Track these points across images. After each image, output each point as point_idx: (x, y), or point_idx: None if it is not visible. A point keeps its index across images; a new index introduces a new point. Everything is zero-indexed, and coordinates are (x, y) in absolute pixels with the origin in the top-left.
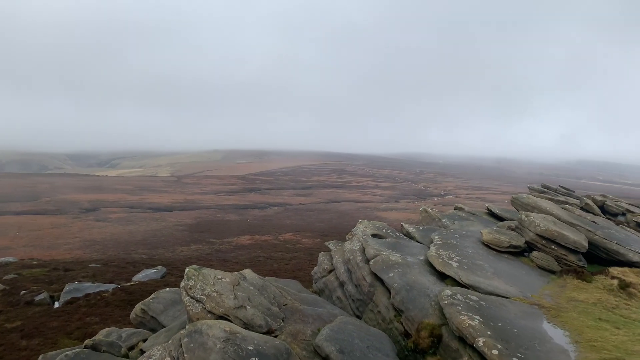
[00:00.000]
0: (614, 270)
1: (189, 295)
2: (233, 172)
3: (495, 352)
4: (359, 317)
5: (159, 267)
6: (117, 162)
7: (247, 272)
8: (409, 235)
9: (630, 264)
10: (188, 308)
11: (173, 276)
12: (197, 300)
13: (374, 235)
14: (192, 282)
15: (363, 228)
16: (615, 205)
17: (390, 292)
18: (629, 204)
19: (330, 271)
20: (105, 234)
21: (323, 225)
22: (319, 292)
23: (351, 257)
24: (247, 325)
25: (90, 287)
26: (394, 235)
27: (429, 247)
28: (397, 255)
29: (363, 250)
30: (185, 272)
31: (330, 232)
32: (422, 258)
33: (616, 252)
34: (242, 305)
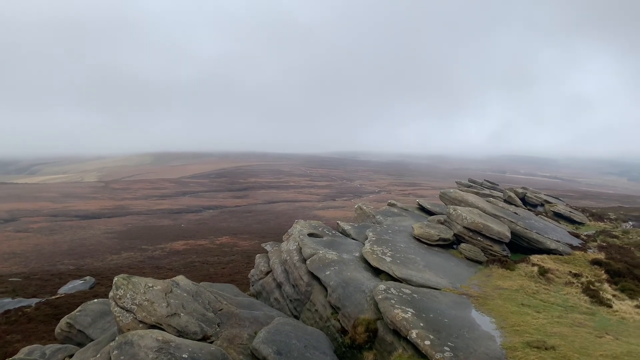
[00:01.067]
0: (534, 258)
1: (118, 305)
2: (165, 175)
3: (427, 342)
4: (297, 317)
5: (87, 278)
6: (39, 168)
7: (180, 279)
8: (344, 233)
9: (549, 252)
10: (118, 319)
11: (103, 286)
12: (127, 310)
13: (310, 235)
14: (122, 291)
15: (299, 228)
16: (535, 196)
17: (327, 290)
18: (547, 195)
19: (268, 273)
20: (27, 245)
21: (261, 226)
22: (257, 295)
23: (288, 258)
24: (181, 333)
25: (10, 302)
26: (330, 233)
27: (364, 244)
28: (333, 253)
29: (300, 250)
30: (114, 281)
31: (268, 233)
32: (357, 255)
33: (536, 240)
34: (175, 313)
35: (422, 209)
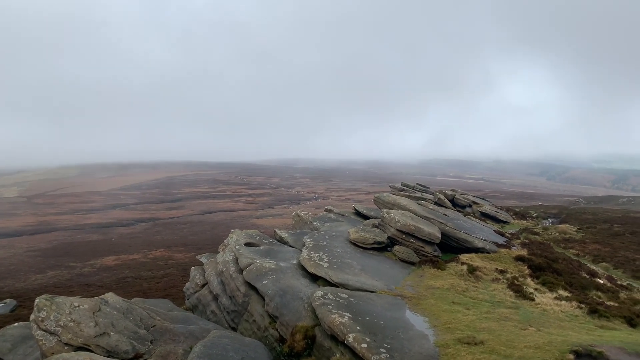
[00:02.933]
0: (464, 257)
1: (40, 328)
2: (93, 188)
3: (364, 345)
4: (234, 329)
5: (8, 300)
6: None
7: (110, 296)
8: (282, 241)
9: (477, 250)
10: (40, 343)
11: (25, 309)
12: (50, 333)
13: (247, 244)
14: (45, 313)
15: (236, 238)
16: (463, 198)
17: (264, 300)
18: (475, 196)
19: (204, 285)
20: None
21: (196, 237)
22: (193, 309)
23: (224, 269)
24: (111, 353)
25: None
26: (267, 242)
27: (302, 251)
28: (270, 262)
29: (236, 260)
30: (36, 303)
31: (204, 244)
32: (295, 262)
33: (465, 240)
34: (104, 332)
35: (358, 213)
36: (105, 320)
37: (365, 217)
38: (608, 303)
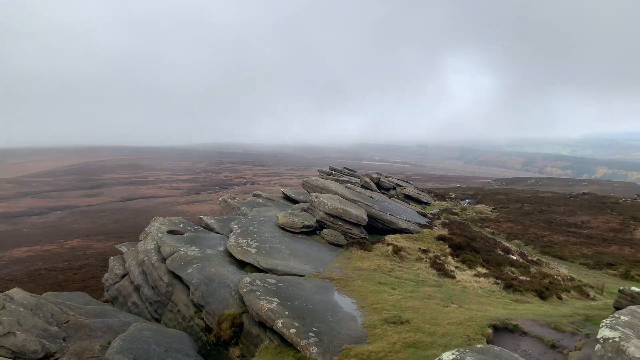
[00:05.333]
0: (389, 238)
1: None
2: (1, 174)
3: (293, 330)
4: (158, 321)
5: None
6: None
7: (15, 292)
8: (208, 228)
9: (401, 231)
10: None
11: None
12: None
13: (170, 232)
14: None
15: (158, 225)
16: (388, 181)
17: (189, 289)
18: (398, 179)
19: (124, 276)
20: None
21: (117, 226)
22: (112, 300)
23: (146, 258)
24: (17, 354)
25: None
26: (192, 229)
27: (229, 237)
28: (195, 250)
29: (159, 248)
30: None
31: (126, 232)
32: (222, 249)
33: (389, 221)
34: (9, 332)
35: (286, 198)
36: (10, 319)
37: (294, 202)
38: (521, 278)
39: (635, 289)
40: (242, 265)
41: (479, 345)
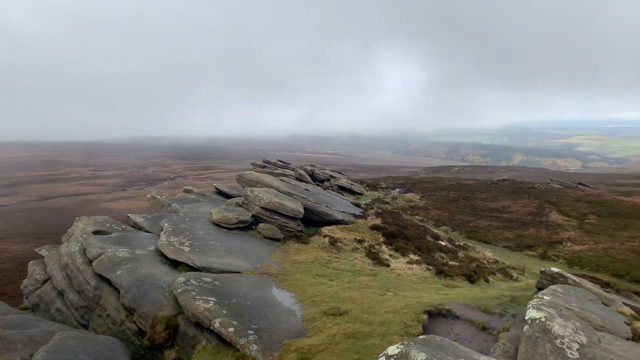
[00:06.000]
0: (325, 230)
1: None
2: None
3: (231, 329)
4: (85, 327)
5: None
6: None
7: None
8: (137, 226)
9: (337, 222)
10: None
11: None
12: None
13: (96, 232)
14: None
15: (82, 226)
16: (322, 172)
17: (119, 292)
18: (332, 170)
19: (45, 281)
20: None
21: (36, 227)
22: (33, 308)
23: (70, 261)
24: None
25: None
26: (119, 228)
27: (160, 236)
28: (124, 250)
29: (84, 250)
30: None
31: (46, 234)
32: (152, 248)
33: (325, 213)
34: None
35: (219, 192)
36: None
37: (228, 196)
38: (451, 263)
39: (555, 269)
40: (176, 264)
41: (422, 337)
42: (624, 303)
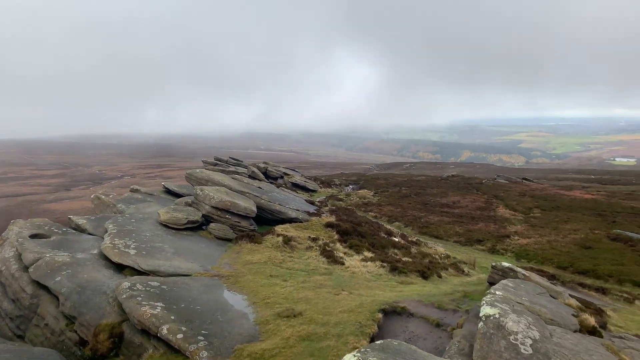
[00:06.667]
0: (279, 228)
1: None
2: None
3: (180, 336)
4: (21, 338)
5: None
6: None
7: None
8: (79, 229)
9: (291, 220)
10: None
11: None
12: None
13: (33, 236)
14: None
15: (17, 229)
16: (275, 170)
17: (59, 300)
18: (286, 167)
19: None
20: None
21: None
22: None
23: (4, 268)
24: None
25: None
26: (59, 231)
27: (104, 238)
28: (64, 255)
29: (19, 256)
30: None
31: None
32: (96, 252)
33: (279, 212)
34: None
35: (168, 192)
36: None
37: (177, 195)
38: (404, 259)
39: (505, 264)
40: (121, 268)
41: (379, 342)
42: (570, 295)
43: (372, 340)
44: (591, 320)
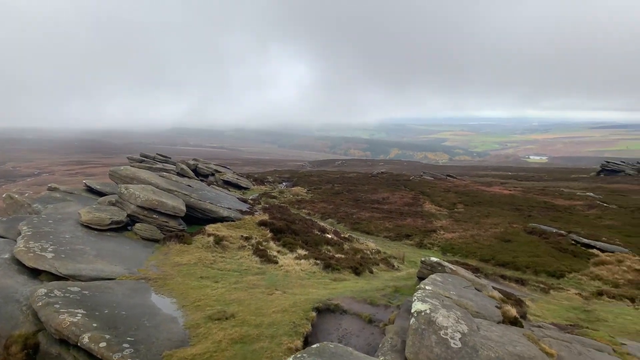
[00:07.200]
0: (210, 228)
1: None
2: None
3: (103, 344)
4: None
5: None
6: None
7: None
8: None
9: (222, 220)
10: None
11: None
12: None
13: None
14: None
15: None
16: (206, 167)
17: None
18: (217, 164)
19: None
20: None
21: None
22: None
23: None
24: None
25: None
26: None
27: (17, 241)
28: None
29: None
30: None
31: None
32: (7, 256)
33: (210, 210)
34: None
35: (90, 190)
36: None
37: (100, 194)
38: (337, 256)
39: (434, 259)
40: (36, 273)
41: (315, 346)
42: (493, 287)
43: (306, 339)
44: (513, 311)
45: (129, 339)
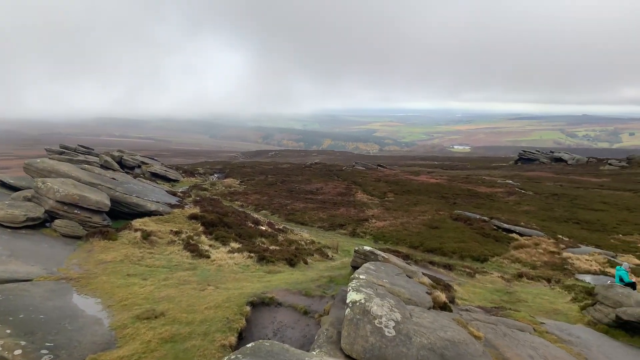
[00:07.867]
0: (137, 223)
1: None
2: None
3: (18, 352)
4: None
5: None
6: None
7: None
8: None
9: (150, 214)
10: None
11: None
12: None
13: None
14: None
15: None
16: (132, 158)
17: None
18: (144, 156)
19: None
20: None
21: None
22: None
23: None
24: None
25: None
26: None
27: None
28: None
29: None
30: None
31: None
32: None
33: (136, 204)
34: None
35: (3, 184)
36: None
37: (15, 189)
38: (272, 248)
39: (367, 248)
40: None
41: (250, 345)
42: (423, 273)
43: (241, 335)
44: (442, 297)
45: (47, 344)
